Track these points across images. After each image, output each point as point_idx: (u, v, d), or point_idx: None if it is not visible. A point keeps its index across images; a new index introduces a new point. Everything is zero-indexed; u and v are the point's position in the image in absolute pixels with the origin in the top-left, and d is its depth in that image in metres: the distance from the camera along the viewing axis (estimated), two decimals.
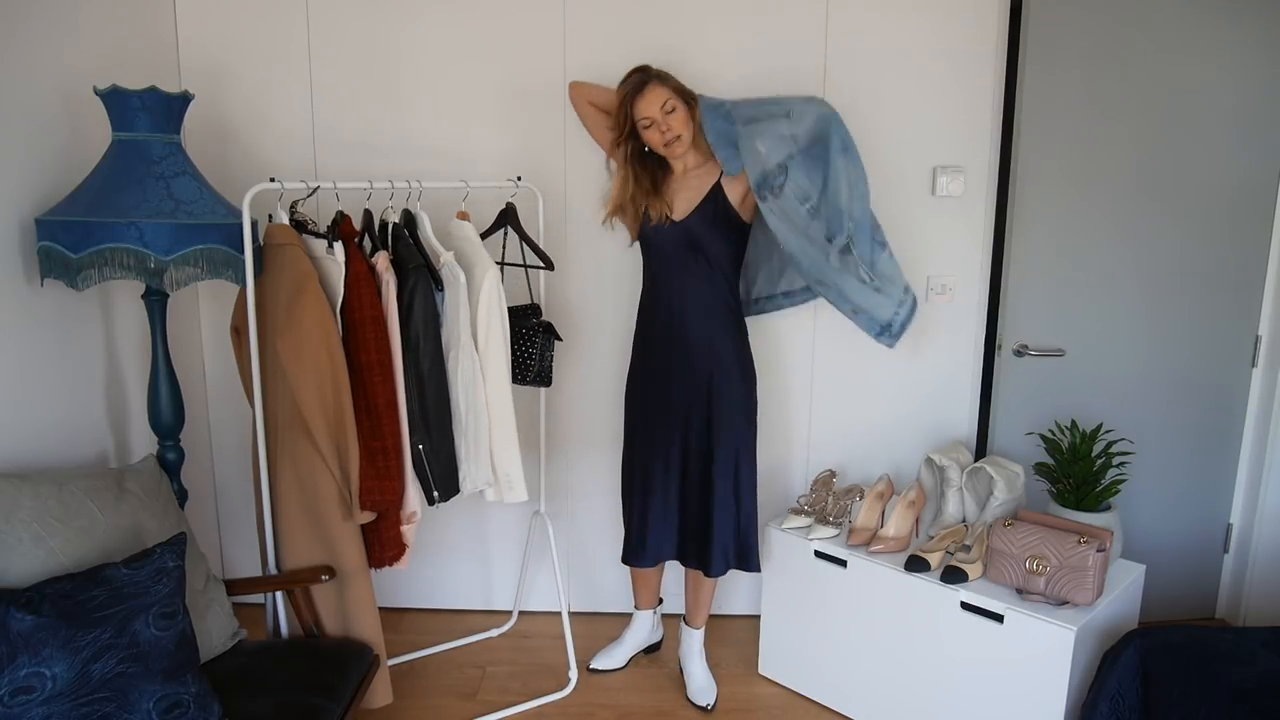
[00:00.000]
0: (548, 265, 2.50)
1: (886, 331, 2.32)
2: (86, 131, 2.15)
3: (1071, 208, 2.68)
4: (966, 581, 2.24)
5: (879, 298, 2.29)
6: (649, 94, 2.24)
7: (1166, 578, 2.81)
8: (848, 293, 2.29)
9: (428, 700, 2.56)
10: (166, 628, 1.68)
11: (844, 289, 2.28)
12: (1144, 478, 2.71)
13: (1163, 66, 2.61)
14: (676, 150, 2.30)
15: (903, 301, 2.32)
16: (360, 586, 2.18)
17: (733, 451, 2.39)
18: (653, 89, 2.24)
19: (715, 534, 2.40)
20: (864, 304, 2.29)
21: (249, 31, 2.66)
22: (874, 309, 2.30)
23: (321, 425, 2.04)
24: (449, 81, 2.70)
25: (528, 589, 3.01)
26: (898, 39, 2.66)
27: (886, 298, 2.30)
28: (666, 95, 2.24)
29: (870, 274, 2.28)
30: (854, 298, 2.29)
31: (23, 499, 1.74)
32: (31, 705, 1.50)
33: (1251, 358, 2.83)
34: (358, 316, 2.08)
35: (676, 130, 2.25)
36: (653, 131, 2.26)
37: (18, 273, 1.98)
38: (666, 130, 2.25)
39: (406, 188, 2.27)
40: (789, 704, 2.59)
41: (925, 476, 2.62)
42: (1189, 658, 1.91)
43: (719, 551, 2.41)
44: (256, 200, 2.04)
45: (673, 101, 2.24)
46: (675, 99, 2.25)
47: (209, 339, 2.86)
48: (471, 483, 2.26)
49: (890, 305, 2.31)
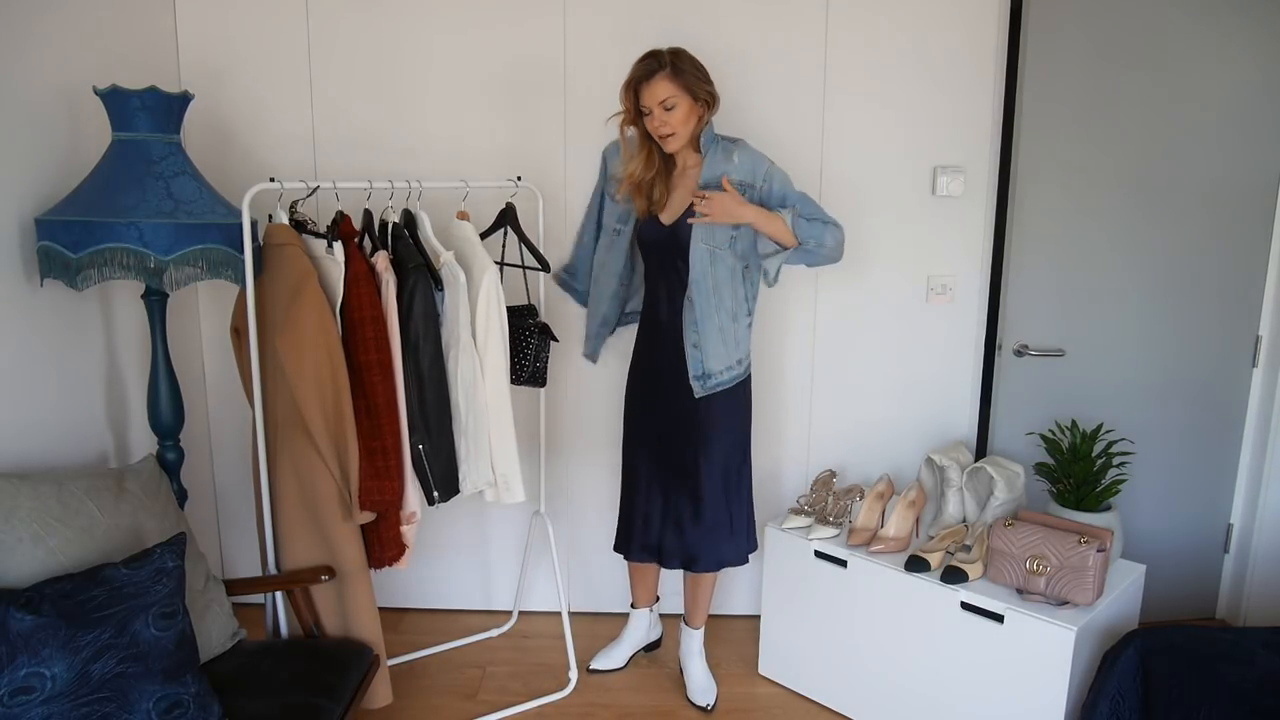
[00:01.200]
0: (544, 267, 2.50)
1: (702, 379, 2.33)
2: (86, 131, 2.15)
3: (1071, 208, 2.68)
4: (967, 581, 2.24)
5: (723, 350, 2.33)
6: (654, 85, 2.19)
7: (1166, 578, 2.81)
8: (706, 335, 2.31)
9: (428, 700, 2.56)
10: (166, 628, 1.68)
11: (705, 330, 2.30)
12: (1144, 478, 2.71)
13: (1163, 66, 2.61)
14: (669, 145, 2.28)
15: (731, 368, 2.36)
16: (360, 586, 2.18)
17: (723, 451, 2.40)
18: (658, 81, 2.19)
19: (705, 531, 2.41)
20: (709, 348, 2.32)
21: (249, 31, 2.66)
22: (709, 357, 2.32)
23: (321, 425, 2.04)
24: (449, 81, 2.70)
25: (527, 589, 3.01)
26: (898, 39, 2.66)
27: (728, 355, 2.34)
28: (670, 92, 2.19)
29: (734, 326, 2.34)
30: (707, 340, 2.31)
31: (22, 499, 1.74)
32: (31, 705, 1.50)
33: (1251, 358, 2.83)
34: (357, 316, 2.08)
35: (672, 127, 2.22)
36: (650, 121, 2.25)
37: (17, 273, 1.98)
38: (661, 125, 2.23)
39: (406, 188, 2.27)
40: (789, 704, 2.59)
41: (925, 476, 2.62)
42: (1189, 658, 1.91)
43: (711, 548, 2.43)
44: (256, 200, 2.04)
45: (675, 99, 2.20)
46: (680, 96, 2.20)
47: (209, 339, 2.86)
48: (471, 483, 2.26)
49: (725, 363, 2.34)
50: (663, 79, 2.19)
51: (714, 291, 2.29)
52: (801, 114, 2.70)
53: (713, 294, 2.29)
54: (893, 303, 2.83)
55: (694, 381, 2.33)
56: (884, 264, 2.80)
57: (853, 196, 2.74)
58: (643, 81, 2.20)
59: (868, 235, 2.77)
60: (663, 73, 2.19)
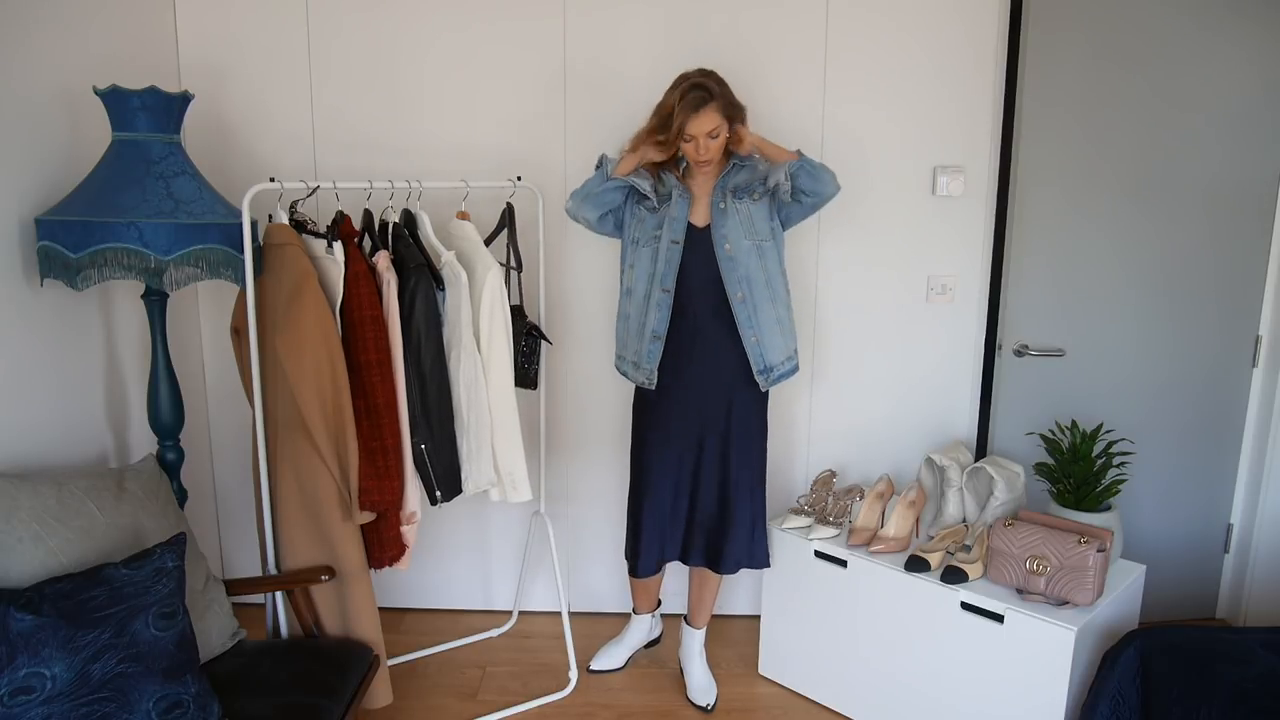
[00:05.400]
0: (517, 267, 2.49)
1: (766, 373, 2.34)
2: (86, 131, 2.15)
3: (1071, 207, 2.68)
4: (967, 581, 2.24)
5: (781, 341, 2.34)
6: (703, 116, 2.17)
7: (1166, 578, 2.81)
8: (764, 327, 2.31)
9: (428, 700, 2.56)
10: (166, 628, 1.68)
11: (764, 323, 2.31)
12: (1144, 478, 2.71)
13: (1162, 67, 2.61)
14: (703, 169, 2.31)
15: (790, 358, 2.38)
16: (360, 587, 2.18)
17: (753, 452, 2.42)
18: (708, 113, 2.17)
19: (734, 532, 2.41)
20: (768, 339, 2.33)
21: (249, 31, 2.66)
22: (769, 350, 2.33)
23: (320, 425, 2.04)
24: (449, 81, 2.70)
25: (528, 589, 3.01)
26: (898, 39, 2.66)
27: (785, 345, 2.36)
28: (717, 123, 2.19)
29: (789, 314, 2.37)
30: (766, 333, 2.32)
31: (22, 499, 1.74)
32: (31, 705, 1.50)
33: (1252, 358, 2.83)
34: (357, 316, 2.08)
35: (712, 155, 2.25)
36: (689, 147, 2.23)
37: (17, 273, 1.98)
38: (704, 152, 2.23)
39: (406, 188, 2.27)
40: (789, 704, 2.59)
41: (925, 476, 2.62)
42: (1189, 658, 1.91)
43: (738, 550, 2.42)
44: (256, 200, 2.04)
45: (720, 129, 2.21)
46: (723, 125, 2.21)
47: (209, 339, 2.85)
48: (474, 483, 2.26)
49: (785, 354, 2.37)
50: (711, 111, 2.17)
51: (767, 284, 2.31)
52: (802, 113, 2.70)
53: (766, 286, 2.31)
54: (893, 303, 2.83)
55: (759, 377, 2.34)
56: (884, 264, 2.80)
57: (853, 196, 2.74)
58: (695, 111, 2.17)
59: (868, 235, 2.77)
60: (713, 104, 2.17)
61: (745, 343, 2.31)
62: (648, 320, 2.33)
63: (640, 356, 2.36)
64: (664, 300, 2.30)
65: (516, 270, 2.50)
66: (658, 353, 2.33)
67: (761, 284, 2.30)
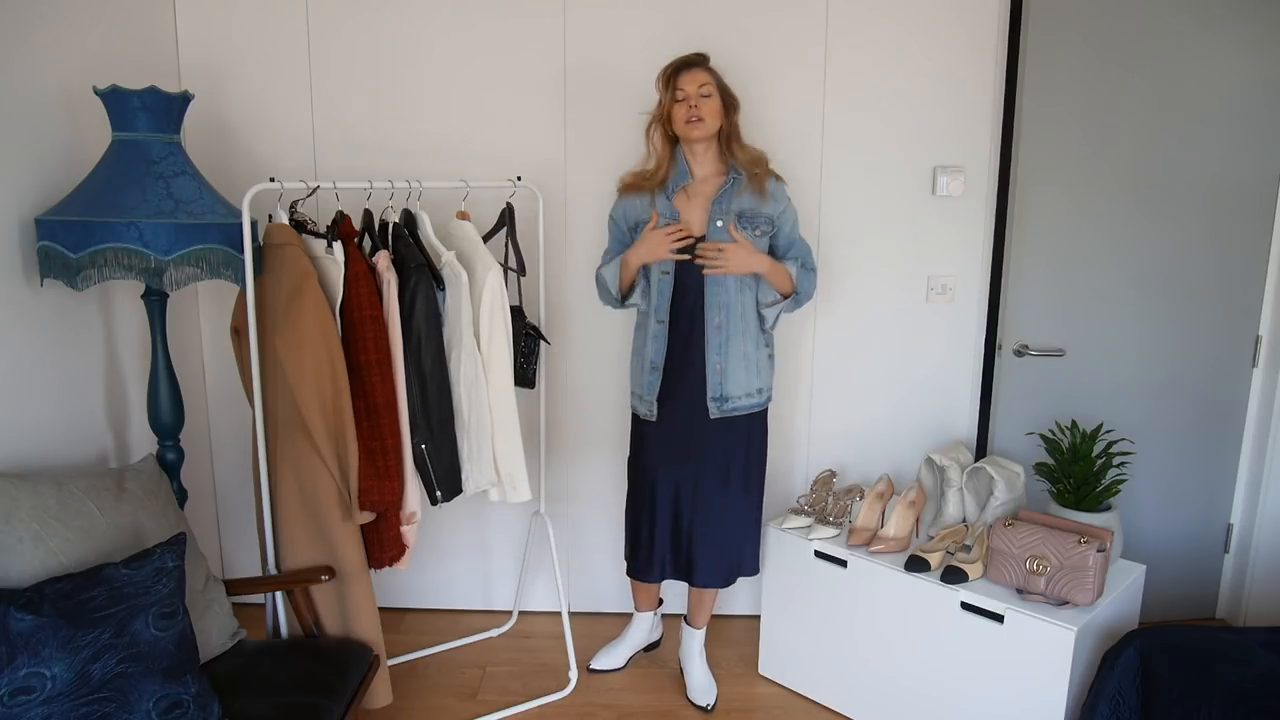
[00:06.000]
0: (520, 270, 2.49)
1: (719, 401, 2.33)
2: (86, 131, 2.15)
3: (1071, 207, 2.67)
4: (967, 581, 2.24)
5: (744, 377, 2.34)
6: (694, 73, 2.26)
7: (1166, 578, 2.81)
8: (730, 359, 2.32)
9: (428, 700, 2.56)
10: (166, 628, 1.68)
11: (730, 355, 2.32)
12: (1144, 478, 2.71)
13: (1162, 66, 2.61)
14: (695, 132, 2.26)
15: (751, 395, 2.37)
16: (360, 587, 2.18)
17: (753, 466, 2.44)
18: (699, 71, 2.27)
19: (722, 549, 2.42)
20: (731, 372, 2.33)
21: (249, 31, 2.66)
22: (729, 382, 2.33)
23: (320, 425, 2.04)
24: (449, 81, 2.70)
25: (528, 589, 3.01)
26: (898, 38, 2.66)
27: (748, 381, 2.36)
28: (708, 79, 2.26)
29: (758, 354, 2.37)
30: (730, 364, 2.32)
31: (22, 499, 1.74)
32: (31, 705, 1.50)
33: (1251, 358, 2.83)
34: (357, 316, 2.07)
35: (702, 114, 2.24)
36: (681, 107, 2.26)
37: (17, 273, 1.98)
38: (693, 108, 2.24)
39: (406, 188, 2.27)
40: (789, 704, 2.59)
41: (925, 476, 2.62)
42: (1189, 658, 1.91)
43: (724, 565, 2.44)
44: (256, 200, 2.04)
45: (711, 88, 2.26)
46: (714, 88, 2.27)
47: (209, 339, 2.85)
48: (474, 483, 2.26)
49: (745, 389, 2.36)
50: (702, 69, 2.28)
51: (743, 318, 2.32)
52: (802, 113, 2.70)
53: (741, 319, 2.31)
54: (893, 302, 2.83)
55: (710, 402, 2.33)
56: (884, 264, 2.80)
57: (853, 196, 2.75)
58: (683, 69, 2.26)
59: (868, 235, 2.77)
60: (703, 64, 2.29)
61: (708, 366, 2.31)
62: (647, 352, 2.36)
63: (642, 389, 2.39)
64: (659, 332, 2.32)
65: (519, 274, 2.50)
66: (656, 383, 2.35)
67: (738, 316, 2.31)
